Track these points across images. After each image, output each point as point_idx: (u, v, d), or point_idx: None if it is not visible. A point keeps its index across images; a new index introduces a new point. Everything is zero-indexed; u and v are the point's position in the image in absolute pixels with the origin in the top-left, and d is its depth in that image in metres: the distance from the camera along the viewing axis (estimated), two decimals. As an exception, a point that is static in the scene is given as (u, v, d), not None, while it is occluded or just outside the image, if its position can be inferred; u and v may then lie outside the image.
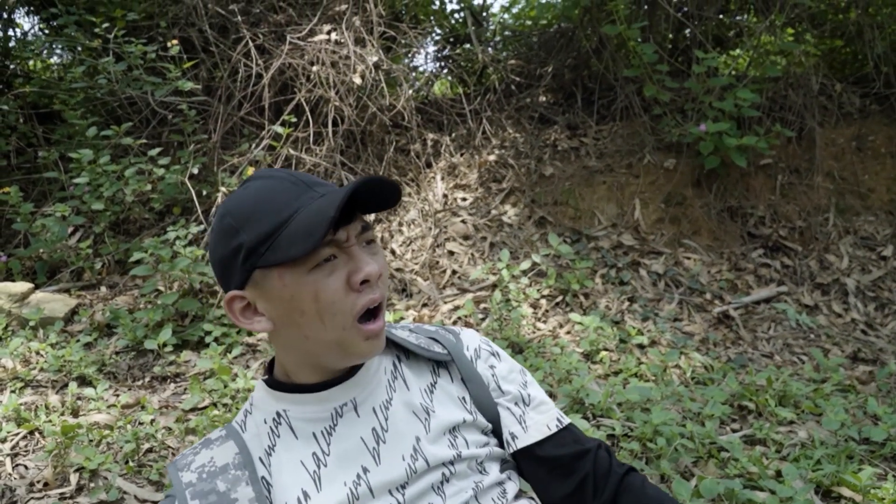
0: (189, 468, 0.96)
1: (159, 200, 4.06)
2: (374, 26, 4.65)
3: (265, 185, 0.92)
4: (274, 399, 1.00)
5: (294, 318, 0.90)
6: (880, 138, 4.69)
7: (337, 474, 0.95)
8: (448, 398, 1.06)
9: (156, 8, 4.94)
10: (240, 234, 0.89)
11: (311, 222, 0.85)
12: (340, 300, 0.89)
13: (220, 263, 0.94)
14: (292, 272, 0.88)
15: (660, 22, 4.88)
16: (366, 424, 0.98)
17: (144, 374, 3.02)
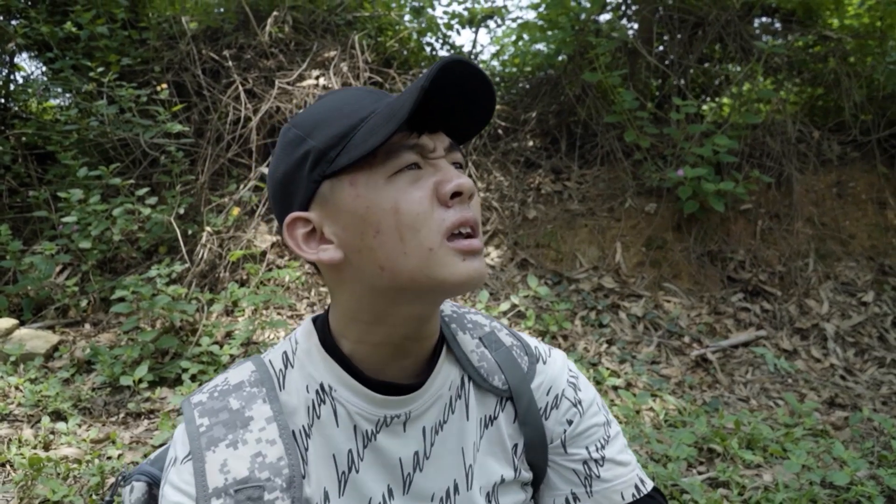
0: (201, 391, 0.86)
1: (146, 240, 4.14)
2: (360, 72, 4.77)
3: (336, 95, 0.81)
4: (322, 363, 0.84)
5: (368, 241, 0.74)
6: (861, 185, 4.76)
7: (363, 486, 0.83)
8: (499, 444, 0.92)
9: (152, 53, 5.09)
10: (307, 142, 0.77)
11: (390, 112, 0.73)
12: (426, 213, 0.74)
13: (281, 182, 0.80)
14: (367, 178, 0.74)
15: (641, 70, 5.00)
16: (409, 445, 0.85)
17: (119, 410, 3.05)
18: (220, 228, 4.21)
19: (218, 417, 0.81)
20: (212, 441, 0.79)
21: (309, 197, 0.78)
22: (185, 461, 0.79)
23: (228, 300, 3.77)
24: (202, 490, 0.76)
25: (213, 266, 4.13)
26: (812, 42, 4.93)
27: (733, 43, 4.81)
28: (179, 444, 0.81)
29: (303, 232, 0.79)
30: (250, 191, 4.36)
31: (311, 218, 0.78)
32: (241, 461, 0.77)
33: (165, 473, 0.81)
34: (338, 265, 0.78)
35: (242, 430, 0.79)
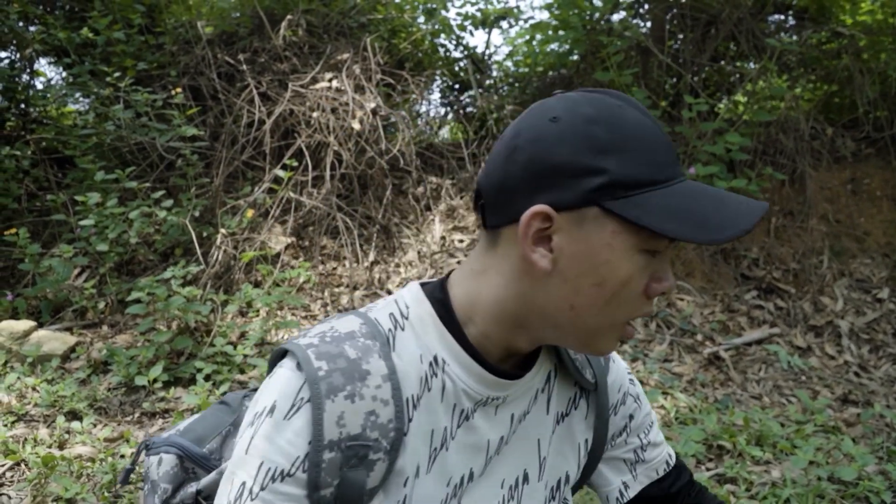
0: (306, 335, 0.80)
1: (162, 242, 4.20)
2: (372, 74, 4.81)
3: (644, 121, 0.75)
4: (436, 335, 0.82)
5: (582, 282, 0.74)
6: (876, 181, 4.72)
7: (448, 464, 0.82)
8: (569, 441, 0.94)
9: (168, 58, 5.16)
10: (606, 158, 0.71)
11: (708, 213, 0.71)
12: (636, 298, 0.76)
13: (550, 167, 0.73)
14: (626, 240, 0.72)
15: (653, 68, 4.99)
16: (497, 429, 0.85)
17: (134, 410, 3.10)
18: (235, 230, 4.26)
19: (336, 364, 0.76)
20: (332, 389, 0.74)
21: (569, 204, 0.73)
22: (297, 412, 0.74)
23: (243, 301, 3.81)
24: (317, 440, 0.73)
25: (228, 267, 4.18)
26: (825, 39, 4.89)
27: (746, 41, 4.79)
28: (288, 394, 0.75)
29: (539, 226, 0.74)
30: (264, 193, 4.42)
31: (555, 221, 0.73)
32: (357, 417, 0.75)
33: (257, 423, 0.76)
34: (534, 269, 0.76)
35: (360, 384, 0.75)
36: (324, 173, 4.51)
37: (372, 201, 4.78)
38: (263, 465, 0.73)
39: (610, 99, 0.76)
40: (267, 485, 0.73)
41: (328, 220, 4.51)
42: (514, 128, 0.78)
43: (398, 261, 4.64)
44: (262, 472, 0.73)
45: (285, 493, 0.73)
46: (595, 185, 0.71)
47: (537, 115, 0.77)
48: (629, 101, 0.77)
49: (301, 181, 4.56)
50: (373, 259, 4.54)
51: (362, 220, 4.65)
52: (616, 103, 0.75)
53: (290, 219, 4.46)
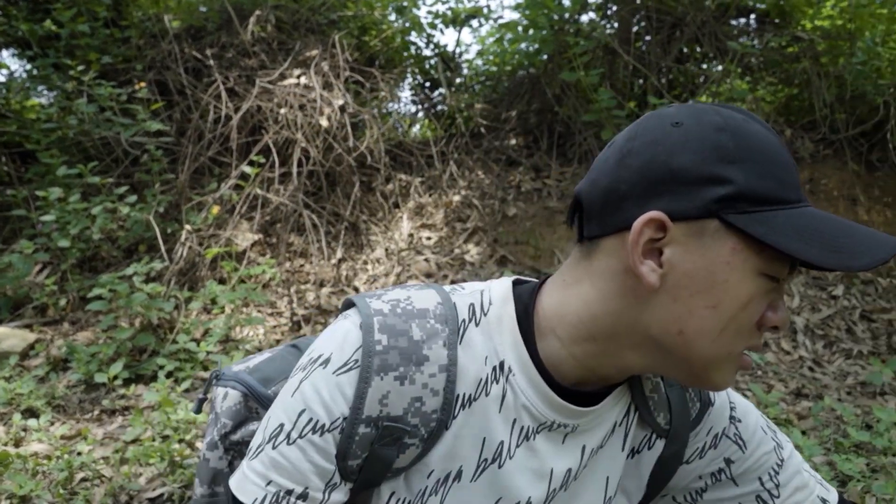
0: (379, 298, 0.77)
1: (126, 238, 4.17)
2: (341, 71, 4.81)
3: (771, 138, 0.70)
4: (511, 340, 0.77)
5: (696, 303, 0.68)
6: (833, 182, 4.83)
7: (499, 483, 0.78)
8: (636, 479, 0.88)
9: (134, 52, 5.12)
10: (734, 168, 0.67)
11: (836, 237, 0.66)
12: (752, 325, 0.69)
13: (669, 172, 0.68)
14: (747, 259, 0.67)
15: (619, 69, 5.05)
16: (564, 459, 0.79)
17: (94, 408, 3.08)
18: (200, 227, 4.24)
19: (398, 341, 0.73)
20: (384, 366, 0.73)
21: (688, 214, 0.67)
22: (347, 371, 0.73)
23: (207, 298, 3.80)
24: (356, 412, 0.73)
25: (193, 264, 4.16)
26: (785, 43, 4.99)
27: (710, 43, 4.88)
28: (345, 351, 0.74)
29: (650, 235, 0.68)
30: (231, 189, 4.40)
31: (671, 232, 0.68)
32: (401, 400, 0.73)
33: (309, 369, 0.75)
34: (639, 286, 0.70)
35: (415, 368, 0.73)
36: (291, 170, 4.51)
37: (340, 198, 4.79)
38: (305, 414, 0.74)
39: (736, 112, 0.72)
40: (305, 434, 0.74)
41: (295, 216, 4.51)
42: (629, 132, 0.74)
43: (366, 258, 4.65)
44: (302, 419, 0.74)
45: (320, 447, 0.74)
46: (719, 195, 0.66)
47: (656, 120, 0.72)
48: (755, 118, 0.73)
49: (268, 178, 4.55)
50: (340, 256, 4.55)
51: (330, 217, 4.66)
52: (741, 117, 0.71)
53: (256, 215, 4.45)
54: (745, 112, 0.73)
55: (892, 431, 3.12)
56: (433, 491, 0.77)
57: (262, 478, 0.74)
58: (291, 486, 0.74)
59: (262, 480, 0.74)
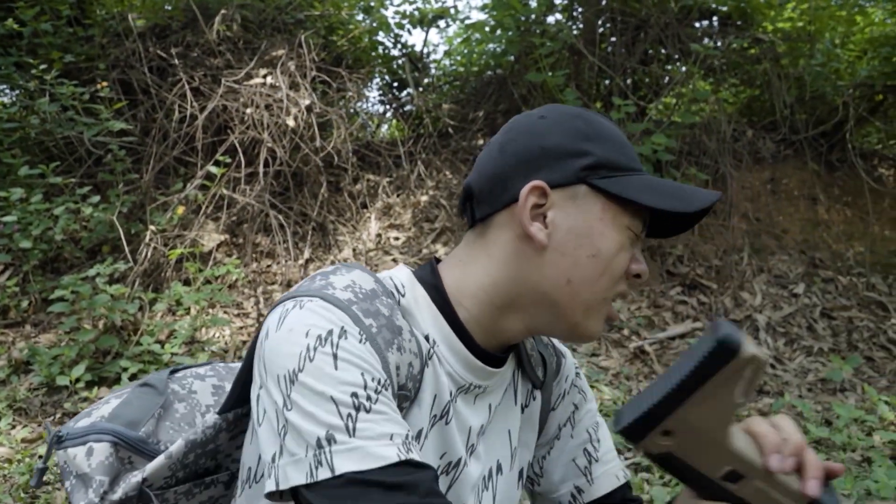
0: (333, 287, 0.79)
1: (89, 239, 4.12)
2: (308, 71, 4.80)
3: (614, 128, 0.86)
4: (429, 316, 0.84)
5: (579, 254, 0.80)
6: (793, 181, 4.93)
7: (442, 444, 0.84)
8: (531, 430, 0.98)
9: (97, 50, 5.05)
10: (591, 143, 0.81)
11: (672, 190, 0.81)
12: (621, 272, 0.82)
13: (542, 150, 0.82)
14: (615, 214, 0.81)
15: (584, 70, 5.11)
16: (477, 416, 0.88)
17: (56, 411, 3.04)
18: (165, 227, 4.20)
19: (379, 321, 0.78)
20: (387, 343, 0.77)
21: (562, 182, 0.81)
22: (366, 342, 0.75)
23: (172, 299, 3.77)
24: (393, 386, 0.76)
25: (158, 265, 4.12)
26: (747, 45, 5.09)
27: (673, 45, 4.95)
28: (351, 326, 0.75)
29: (535, 201, 0.81)
30: (196, 189, 4.36)
31: (550, 197, 0.81)
32: (404, 367, 0.78)
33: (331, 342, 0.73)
34: (529, 247, 0.82)
35: (399, 338, 0.79)
36: (258, 170, 4.48)
37: (307, 199, 4.77)
38: (367, 374, 0.72)
39: (587, 110, 0.88)
40: (380, 390, 0.73)
41: (262, 217, 4.49)
42: (504, 129, 0.88)
43: (333, 258, 4.64)
44: (368, 379, 0.72)
45: (391, 401, 0.74)
46: (583, 164, 0.81)
47: (526, 118, 0.87)
48: (604, 116, 0.89)
49: (234, 178, 4.52)
50: (307, 256, 4.54)
51: (297, 218, 4.64)
52: (593, 112, 0.87)
53: (222, 216, 4.42)
54: (597, 112, 0.89)
55: (851, 428, 3.20)
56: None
57: (382, 437, 0.70)
58: (405, 431, 0.72)
59: (384, 439, 0.70)
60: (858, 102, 5.00)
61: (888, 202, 5.13)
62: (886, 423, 3.27)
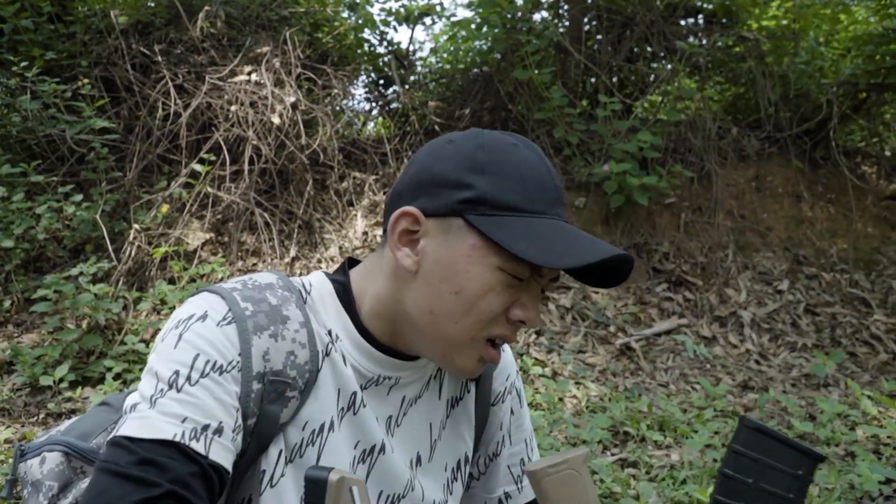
0: (228, 282, 0.85)
1: (71, 238, 4.08)
2: (293, 68, 4.77)
3: (531, 161, 0.82)
4: (334, 312, 0.87)
5: (441, 288, 0.79)
6: (778, 179, 4.96)
7: (354, 433, 0.86)
8: (465, 423, 0.99)
9: (79, 47, 4.99)
10: (480, 177, 0.79)
11: (557, 242, 0.77)
12: (492, 314, 0.80)
13: (430, 176, 0.82)
14: (485, 254, 0.78)
15: (570, 68, 5.12)
16: (386, 407, 0.90)
17: (39, 411, 3.01)
18: (150, 226, 4.17)
19: (260, 307, 0.81)
20: (257, 327, 0.79)
21: (439, 212, 0.80)
22: (228, 324, 0.78)
23: (156, 298, 3.74)
24: (247, 367, 0.77)
25: (142, 264, 4.09)
26: (732, 42, 5.11)
27: (658, 43, 4.97)
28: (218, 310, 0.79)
29: (406, 226, 0.81)
30: (181, 187, 4.33)
31: (423, 225, 0.81)
32: (279, 354, 0.80)
33: (185, 325, 0.78)
34: (404, 270, 0.82)
35: (282, 326, 0.81)
36: (243, 168, 4.46)
37: (293, 196, 4.75)
38: (201, 357, 0.76)
39: (509, 138, 0.84)
40: (207, 373, 0.75)
41: (247, 215, 4.46)
42: (423, 147, 0.88)
43: (320, 256, 4.62)
44: (199, 361, 0.75)
45: (223, 385, 0.75)
46: (462, 197, 0.78)
47: (442, 138, 0.86)
48: (530, 145, 0.84)
49: (219, 176, 4.49)
50: (294, 255, 4.51)
51: (283, 216, 4.62)
52: (512, 142, 0.83)
53: (207, 214, 4.39)
54: (524, 141, 0.85)
55: (834, 422, 3.23)
56: (310, 442, 0.83)
57: (174, 416, 0.72)
58: (207, 421, 0.73)
59: (175, 418, 0.72)
60: (842, 100, 5.04)
61: (871, 199, 5.17)
62: (869, 417, 3.30)
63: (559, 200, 0.83)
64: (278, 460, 0.81)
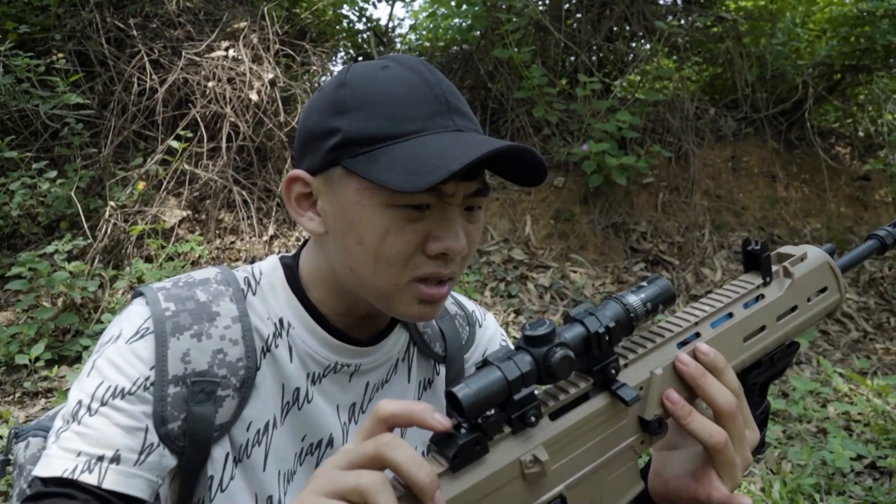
0: (161, 282, 0.83)
1: (46, 215, 4.02)
2: (271, 44, 4.71)
3: (402, 78, 0.75)
4: (285, 300, 0.84)
5: (348, 243, 0.75)
6: (754, 159, 5.02)
7: (300, 428, 0.84)
8: (439, 404, 0.94)
9: (53, 20, 4.89)
10: (344, 117, 0.74)
11: (428, 159, 0.69)
12: (406, 255, 0.74)
13: (305, 132, 0.78)
14: (372, 195, 0.72)
15: (550, 47, 5.11)
16: (349, 395, 0.87)
17: (15, 390, 2.99)
18: (126, 203, 4.12)
19: (185, 305, 0.78)
20: (177, 328, 0.77)
21: (320, 167, 0.76)
22: (140, 338, 0.77)
23: (133, 276, 3.71)
24: (161, 373, 0.75)
25: (118, 242, 4.05)
26: (710, 23, 5.13)
27: (637, 22, 4.97)
28: (134, 323, 0.78)
29: (299, 191, 0.79)
30: (157, 164, 4.28)
31: (312, 185, 0.77)
32: (203, 354, 0.77)
33: (101, 350, 0.78)
34: (316, 236, 0.80)
35: (208, 324, 0.78)
36: (220, 145, 4.41)
37: (271, 174, 4.71)
38: (103, 385, 0.75)
39: (380, 62, 0.78)
40: (107, 400, 0.74)
41: (225, 192, 4.42)
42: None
43: (298, 234, 4.61)
44: (100, 389, 0.74)
45: (125, 410, 0.74)
46: (331, 144, 0.74)
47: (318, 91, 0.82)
48: (405, 61, 0.78)
49: (196, 153, 4.44)
50: (272, 233, 4.49)
51: (261, 194, 4.59)
52: (381, 65, 0.77)
53: (184, 191, 4.35)
54: (397, 58, 0.78)
55: (806, 399, 3.30)
56: (255, 442, 0.81)
57: (70, 451, 0.73)
58: (102, 452, 0.73)
59: (70, 453, 0.73)
60: (817, 82, 5.09)
61: (844, 180, 5.25)
62: (840, 394, 3.38)
63: (443, 110, 0.74)
64: (226, 464, 0.80)
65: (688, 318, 0.71)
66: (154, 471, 0.75)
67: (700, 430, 0.65)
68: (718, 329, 0.71)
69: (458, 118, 0.75)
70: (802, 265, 0.78)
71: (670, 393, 0.66)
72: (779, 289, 0.75)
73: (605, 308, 0.63)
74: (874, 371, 3.79)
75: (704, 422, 0.66)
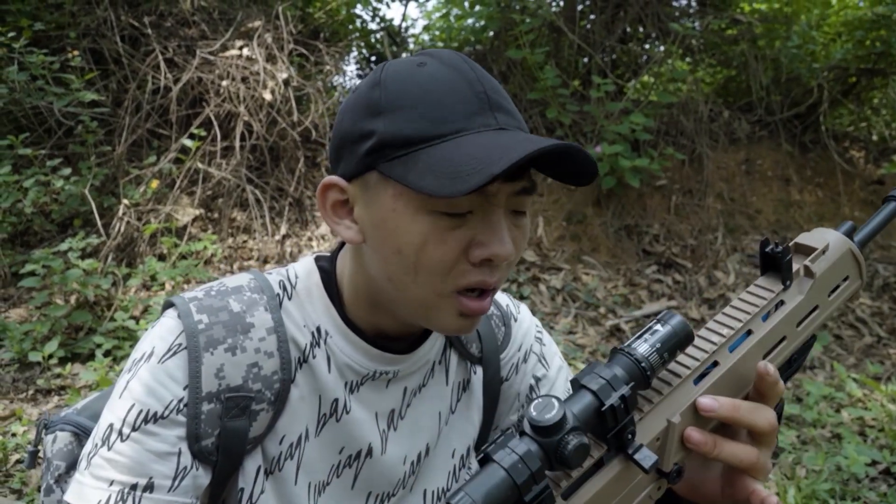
0: (192, 290, 0.80)
1: (59, 212, 4.04)
2: (285, 43, 4.72)
3: (440, 76, 0.70)
4: (322, 307, 0.82)
5: (386, 252, 0.71)
6: (767, 162, 4.99)
7: (337, 440, 0.82)
8: (475, 407, 0.94)
9: (67, 18, 4.91)
10: (379, 119, 0.69)
11: (468, 161, 0.64)
12: (447, 264, 0.70)
13: (340, 136, 0.74)
14: (409, 201, 0.68)
15: (564, 48, 5.09)
16: (388, 401, 0.85)
17: (28, 387, 3.00)
18: (139, 201, 4.14)
19: (218, 317, 0.76)
20: (210, 342, 0.75)
21: (356, 172, 0.72)
22: (173, 356, 0.74)
23: (146, 274, 3.72)
24: (195, 392, 0.73)
25: (131, 239, 4.06)
26: (725, 25, 5.11)
27: (652, 24, 4.95)
28: (166, 340, 0.75)
29: (335, 199, 0.75)
30: (171, 163, 4.29)
31: (349, 192, 0.73)
32: (238, 369, 0.75)
33: (134, 369, 0.75)
34: (354, 245, 0.77)
35: (242, 336, 0.76)
36: (234, 144, 4.42)
37: (284, 174, 4.72)
38: (135, 408, 0.73)
39: (416, 59, 0.73)
40: (139, 426, 0.72)
41: (238, 191, 4.43)
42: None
43: (311, 234, 4.61)
44: (132, 413, 0.73)
45: (158, 434, 0.73)
46: (366, 148, 0.70)
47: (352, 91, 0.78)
48: (443, 56, 0.73)
49: (210, 151, 4.45)
50: (284, 232, 4.49)
51: (274, 193, 4.59)
52: (417, 61, 0.73)
53: (198, 190, 4.36)
54: (434, 54, 0.74)
55: (820, 405, 3.28)
56: (288, 455, 0.80)
57: (102, 480, 0.71)
58: (135, 481, 0.71)
59: (103, 482, 0.71)
60: (832, 85, 5.06)
61: (858, 183, 5.22)
62: (854, 399, 3.35)
63: (484, 108, 0.69)
64: (257, 477, 0.78)
65: (704, 348, 0.66)
66: (188, 493, 0.74)
67: (731, 457, 0.64)
68: (737, 353, 0.67)
69: (501, 115, 0.71)
70: (823, 260, 0.74)
71: (692, 434, 0.63)
72: (799, 291, 0.72)
73: (615, 366, 0.58)
74: (888, 376, 3.77)
75: (733, 448, 0.64)
